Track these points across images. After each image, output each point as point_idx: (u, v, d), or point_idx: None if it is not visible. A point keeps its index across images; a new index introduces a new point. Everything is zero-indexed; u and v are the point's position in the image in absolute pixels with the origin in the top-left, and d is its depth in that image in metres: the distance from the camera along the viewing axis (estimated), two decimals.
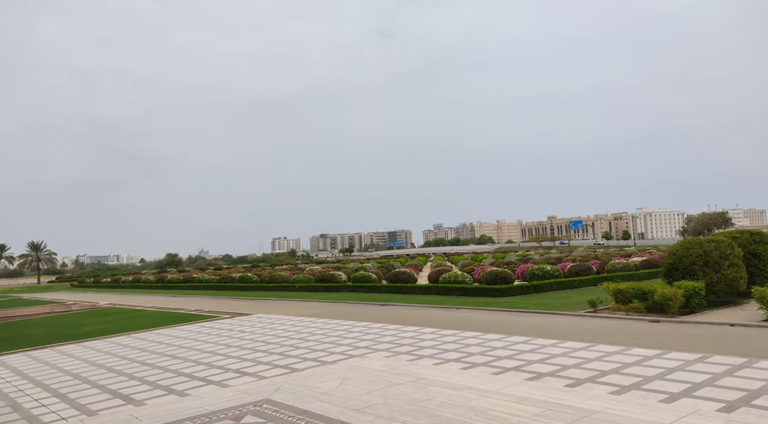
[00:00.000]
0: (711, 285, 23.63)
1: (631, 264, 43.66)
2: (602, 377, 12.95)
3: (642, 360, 14.46)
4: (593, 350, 16.23)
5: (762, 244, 26.34)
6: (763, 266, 25.77)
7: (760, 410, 9.93)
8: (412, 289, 40.61)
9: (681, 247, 25.64)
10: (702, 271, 23.90)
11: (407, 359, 16.35)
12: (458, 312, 28.80)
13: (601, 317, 23.71)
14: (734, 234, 27.89)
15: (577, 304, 27.58)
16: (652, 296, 22.78)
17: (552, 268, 39.65)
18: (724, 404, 10.37)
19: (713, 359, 14.18)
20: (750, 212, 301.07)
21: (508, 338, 18.94)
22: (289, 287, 50.41)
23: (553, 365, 14.58)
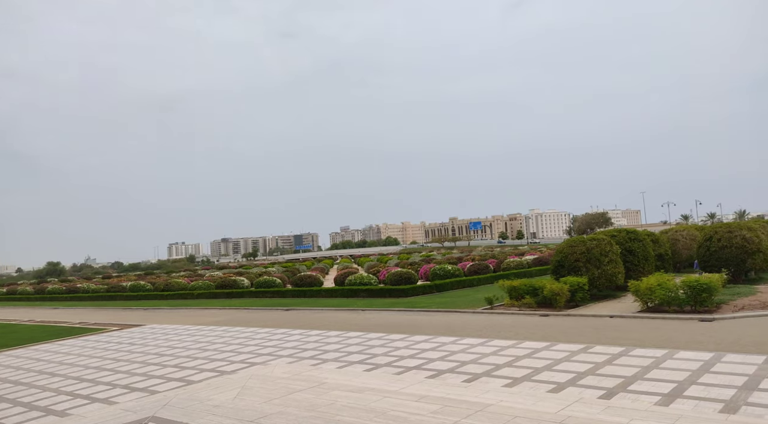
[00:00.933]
0: (593, 280, 25.61)
1: (524, 262, 46.30)
2: (497, 371, 13.54)
3: (533, 352, 15.31)
4: (489, 345, 16.94)
5: (636, 241, 28.99)
6: (637, 261, 28.36)
7: (635, 394, 10.85)
8: (318, 292, 40.24)
9: (567, 245, 27.57)
10: (585, 267, 25.83)
11: (311, 364, 16.10)
12: (364, 314, 28.91)
13: (498, 312, 24.87)
14: (613, 232, 30.50)
15: (476, 301, 28.72)
16: (542, 292, 24.26)
17: (453, 267, 41.03)
18: (604, 391, 11.21)
19: (595, 349, 15.33)
20: (627, 212, 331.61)
21: (411, 338, 19.28)
22: (187, 294, 47.96)
23: (453, 361, 15.02)
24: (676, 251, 35.28)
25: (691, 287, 20.39)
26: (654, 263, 29.44)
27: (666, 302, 20.88)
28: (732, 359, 13.00)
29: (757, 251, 28.27)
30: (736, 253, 28.10)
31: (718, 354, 13.60)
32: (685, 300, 20.63)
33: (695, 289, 20.27)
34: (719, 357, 13.29)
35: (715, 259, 28.63)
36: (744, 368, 12.14)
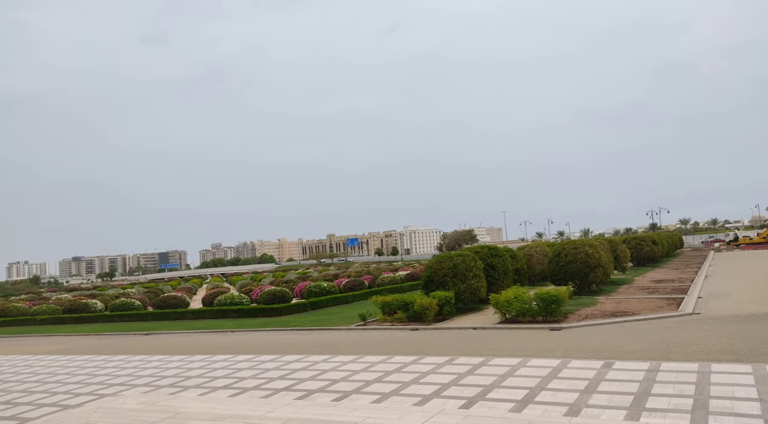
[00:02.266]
0: (459, 294, 26.95)
1: (398, 278, 47.59)
2: (367, 388, 13.57)
3: (402, 367, 15.62)
4: (361, 361, 16.99)
5: (497, 257, 31.10)
6: (498, 275, 30.39)
7: (492, 402, 11.46)
8: (183, 314, 37.80)
9: (436, 261, 28.79)
10: (452, 282, 27.12)
11: (169, 392, 14.92)
12: (233, 335, 27.62)
13: (371, 328, 25.14)
14: (477, 249, 32.45)
15: (350, 318, 28.80)
16: (412, 307, 25.00)
17: (329, 284, 40.93)
18: (465, 400, 11.71)
19: (459, 360, 16.03)
20: (491, 230, 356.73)
21: (282, 358, 18.73)
22: (28, 320, 42.43)
23: (324, 380, 14.81)
24: (531, 266, 38.44)
25: (542, 299, 22.24)
26: (512, 277, 31.75)
27: (522, 313, 22.55)
28: (576, 365, 14.30)
29: (597, 266, 31.71)
30: (580, 267, 31.28)
31: (564, 361, 14.88)
32: (537, 311, 22.45)
33: (546, 300, 22.15)
34: (566, 363, 14.55)
35: (563, 273, 31.62)
36: (585, 372, 13.40)
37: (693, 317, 21.45)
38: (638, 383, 11.96)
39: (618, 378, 12.62)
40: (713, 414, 9.65)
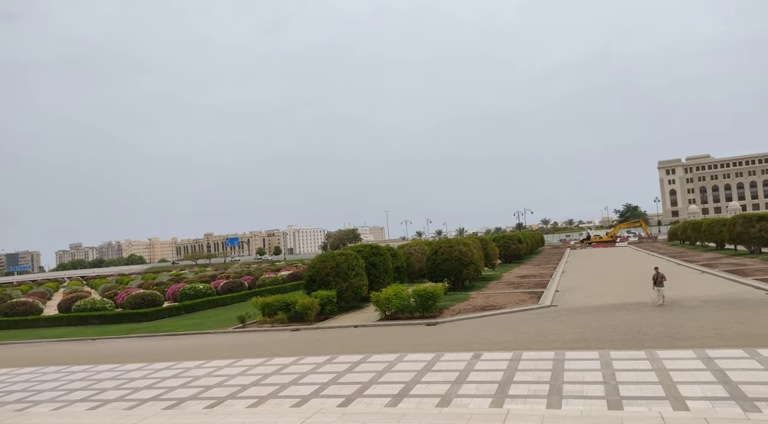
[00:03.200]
0: (341, 293, 27.12)
1: (280, 278, 46.74)
2: (243, 392, 13.16)
3: (281, 368, 15.36)
4: (238, 365, 16.44)
5: (379, 255, 31.76)
6: (379, 274, 31.05)
7: (370, 398, 11.68)
8: (35, 322, 33.98)
9: (318, 260, 28.72)
10: (335, 281, 27.22)
11: (16, 409, 13.31)
12: (95, 344, 25.36)
13: (250, 331, 24.42)
14: (359, 248, 32.90)
15: (228, 320, 27.75)
16: (294, 307, 24.70)
17: (205, 286, 39.08)
18: (343, 398, 11.80)
19: (339, 358, 16.13)
20: (374, 229, 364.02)
21: (150, 366, 17.54)
22: None
23: (196, 387, 14.11)
24: (410, 264, 39.79)
25: (420, 296, 23.12)
26: (392, 275, 32.63)
27: (401, 309, 23.26)
28: (449, 358, 15.04)
29: (470, 263, 33.62)
30: (455, 265, 32.96)
31: (438, 354, 15.59)
32: (415, 307, 23.29)
33: (423, 297, 23.06)
34: (439, 357, 15.25)
35: (440, 270, 33.13)
36: (457, 364, 14.15)
37: (551, 309, 23.56)
38: (503, 372, 12.87)
39: (485, 368, 13.49)
40: (566, 398, 10.66)
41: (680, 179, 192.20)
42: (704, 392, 10.24)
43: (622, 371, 12.17)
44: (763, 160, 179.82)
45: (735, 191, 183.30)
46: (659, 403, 9.87)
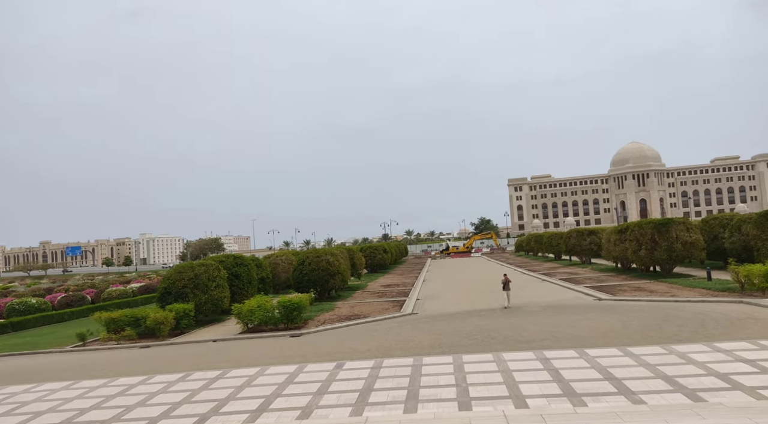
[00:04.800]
0: (200, 305, 25.70)
1: (129, 291, 43.04)
2: (80, 417, 11.83)
3: (126, 389, 14.09)
4: (75, 387, 14.77)
5: (242, 266, 30.68)
6: (242, 285, 29.97)
7: (226, 416, 11.16)
8: None
9: (174, 271, 26.95)
10: (193, 293, 25.72)
11: None
12: None
13: (92, 349, 22.11)
14: (221, 258, 31.49)
15: (66, 339, 24.90)
16: (144, 322, 22.87)
17: (39, 301, 34.73)
18: (196, 417, 11.14)
19: (194, 375, 15.21)
20: (239, 238, 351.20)
21: None
22: None
23: (23, 414, 12.39)
24: (276, 274, 39.01)
25: (285, 307, 22.71)
26: (257, 286, 31.71)
27: (264, 321, 22.63)
28: (312, 369, 14.92)
29: (337, 273, 33.82)
30: (322, 275, 32.94)
31: (301, 365, 15.40)
32: (279, 319, 22.82)
33: (288, 308, 22.69)
34: (302, 368, 15.07)
35: (306, 280, 32.87)
36: (320, 375, 14.09)
37: (412, 317, 24.51)
38: (364, 381, 13.07)
39: (347, 377, 13.59)
40: (422, 402, 11.11)
41: (526, 196, 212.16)
42: (542, 390, 11.30)
43: (472, 374, 13.00)
44: (593, 181, 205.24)
45: (571, 208, 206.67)
46: (503, 402, 10.70)
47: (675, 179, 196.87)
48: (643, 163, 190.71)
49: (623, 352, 14.18)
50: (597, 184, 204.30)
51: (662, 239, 32.00)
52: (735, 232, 33.13)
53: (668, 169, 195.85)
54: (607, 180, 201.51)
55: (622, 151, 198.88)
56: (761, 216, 30.16)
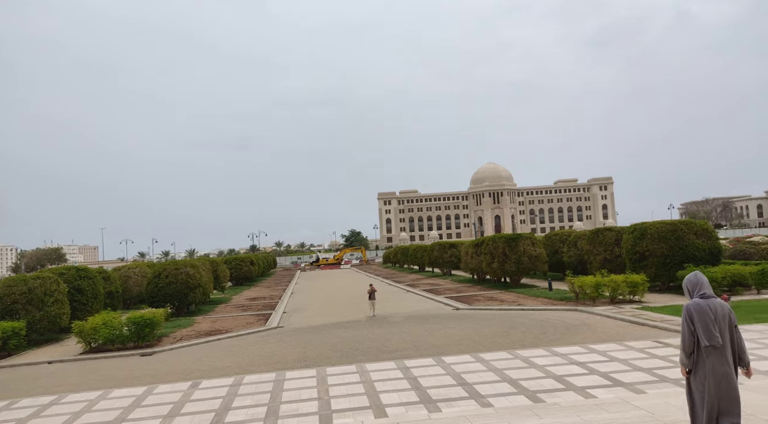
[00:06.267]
0: (34, 323, 22.76)
1: None
2: None
3: None
4: None
5: (87, 279, 27.75)
6: (86, 300, 27.09)
7: None
8: None
9: (3, 285, 23.63)
10: (25, 309, 22.73)
11: None
12: None
13: None
14: (62, 270, 28.21)
15: None
16: None
17: None
18: None
19: (21, 403, 13.37)
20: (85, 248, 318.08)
21: None
22: None
23: None
24: (127, 288, 35.91)
25: (135, 323, 20.91)
26: (103, 301, 28.91)
27: (111, 340, 20.62)
28: (163, 390, 13.88)
29: (198, 286, 32.01)
30: (180, 288, 30.95)
31: (151, 387, 14.26)
32: (129, 337, 20.96)
33: (140, 325, 20.92)
34: (152, 389, 13.95)
35: (163, 294, 30.67)
36: (172, 396, 13.14)
37: (277, 331, 23.95)
38: (221, 399, 12.45)
39: (203, 397, 12.85)
40: (282, 418, 10.84)
41: (395, 210, 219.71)
42: (401, 399, 11.63)
43: (335, 386, 13.00)
44: (455, 198, 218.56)
45: (435, 222, 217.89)
46: (364, 413, 10.82)
47: (525, 198, 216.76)
48: (498, 182, 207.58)
49: (475, 358, 15.14)
50: (459, 200, 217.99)
51: (512, 252, 34.90)
52: (572, 247, 37.23)
53: (519, 189, 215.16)
54: (468, 197, 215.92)
55: (480, 171, 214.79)
56: (593, 233, 34.26)
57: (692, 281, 6.83)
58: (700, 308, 6.52)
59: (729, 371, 6.42)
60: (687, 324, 6.59)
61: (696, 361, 6.52)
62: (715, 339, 6.38)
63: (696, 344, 6.51)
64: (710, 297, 6.63)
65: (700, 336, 6.44)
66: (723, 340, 6.42)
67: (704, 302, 6.55)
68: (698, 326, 6.46)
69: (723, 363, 6.39)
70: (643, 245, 27.97)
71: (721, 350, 6.39)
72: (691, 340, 6.53)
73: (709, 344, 6.38)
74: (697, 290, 6.72)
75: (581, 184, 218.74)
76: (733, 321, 6.58)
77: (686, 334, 6.59)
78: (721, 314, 6.50)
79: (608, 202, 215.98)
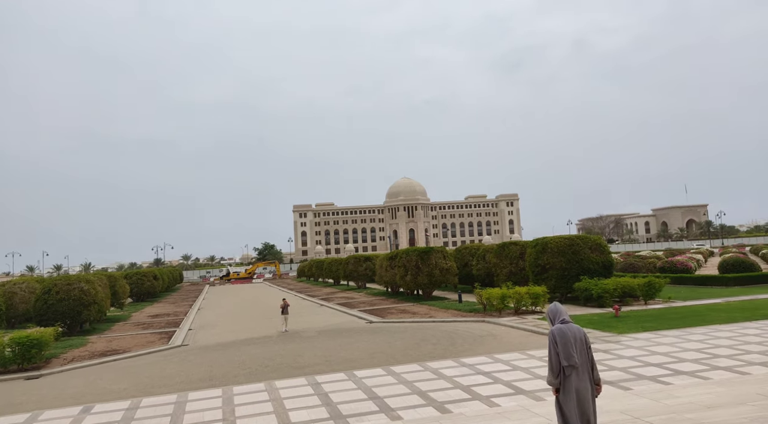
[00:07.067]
0: None
1: None
2: None
3: None
4: None
5: None
6: None
7: None
8: None
9: None
10: None
11: None
12: None
13: None
14: None
15: None
16: None
17: None
18: None
19: None
20: None
21: None
22: None
23: None
24: (12, 305, 32.67)
25: (20, 344, 19.02)
26: None
27: None
28: (50, 416, 12.70)
29: (93, 303, 29.73)
30: (73, 305, 28.58)
31: (36, 413, 12.99)
32: (12, 359, 19.03)
33: (24, 346, 19.05)
34: (37, 416, 12.72)
35: (53, 312, 28.16)
36: (59, 423, 12.05)
37: (181, 349, 22.75)
38: None
39: (95, 422, 11.89)
40: None
41: (310, 222, 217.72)
42: (310, 416, 11.41)
43: (242, 406, 12.53)
44: (371, 211, 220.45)
45: (351, 235, 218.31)
46: None
47: (438, 212, 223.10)
48: (413, 197, 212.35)
49: (387, 371, 15.22)
50: (375, 213, 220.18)
51: (424, 265, 35.67)
52: (481, 260, 38.72)
53: (432, 203, 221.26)
54: (383, 211, 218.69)
55: (396, 185, 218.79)
56: (500, 247, 35.85)
57: (553, 310, 7.47)
58: (562, 333, 7.14)
59: (588, 387, 7.06)
60: (553, 347, 7.18)
61: (562, 380, 7.09)
62: (572, 359, 6.99)
63: (560, 365, 7.09)
64: (569, 322, 7.28)
65: (560, 357, 7.04)
66: (581, 360, 7.05)
67: (565, 327, 7.18)
68: (560, 348, 7.06)
69: (582, 380, 7.03)
70: (545, 258, 29.63)
71: (579, 369, 7.01)
72: (557, 361, 7.11)
73: (568, 364, 6.99)
74: (557, 317, 7.35)
75: (490, 200, 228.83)
76: (587, 343, 7.24)
77: (553, 356, 7.17)
78: (578, 337, 7.15)
79: (514, 218, 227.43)
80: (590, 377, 7.10)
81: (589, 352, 7.19)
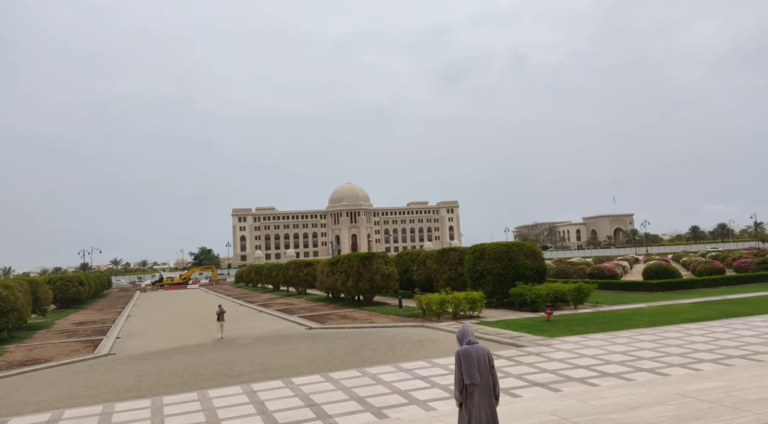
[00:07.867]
0: None
1: None
2: None
3: None
4: None
5: None
6: None
7: None
8: None
9: None
10: None
11: None
12: None
13: None
14: None
15: None
16: None
17: None
18: None
19: None
20: None
21: None
22: None
23: None
24: None
25: None
26: None
27: None
28: None
29: (11, 310, 27.82)
30: None
31: None
32: None
33: None
34: None
35: None
36: None
37: (108, 358, 21.65)
38: None
39: None
40: None
41: (250, 227, 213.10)
42: None
43: (172, 417, 12.04)
44: (313, 216, 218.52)
45: (292, 240, 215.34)
46: None
47: (380, 218, 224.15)
48: (356, 202, 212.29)
49: (325, 378, 15.07)
50: (317, 218, 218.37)
51: (366, 270, 35.70)
52: (421, 266, 39.16)
53: (375, 209, 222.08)
54: (326, 216, 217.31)
55: (339, 191, 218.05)
56: (439, 253, 36.41)
57: (461, 331, 7.86)
58: (466, 353, 7.55)
59: (489, 402, 7.50)
60: (458, 367, 7.59)
61: (465, 396, 7.52)
62: (474, 378, 7.43)
63: (463, 382, 7.52)
64: (474, 343, 7.68)
65: (463, 376, 7.47)
66: (483, 378, 7.49)
67: (470, 348, 7.59)
68: (464, 368, 7.48)
69: (484, 396, 7.47)
70: (482, 264, 30.35)
71: (481, 387, 7.46)
72: (461, 379, 7.54)
73: (470, 382, 7.43)
74: (465, 338, 7.74)
75: (431, 206, 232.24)
76: (491, 362, 7.68)
77: (458, 374, 7.58)
78: (482, 357, 7.57)
79: (454, 224, 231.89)
80: (491, 394, 7.54)
81: (492, 371, 7.60)
